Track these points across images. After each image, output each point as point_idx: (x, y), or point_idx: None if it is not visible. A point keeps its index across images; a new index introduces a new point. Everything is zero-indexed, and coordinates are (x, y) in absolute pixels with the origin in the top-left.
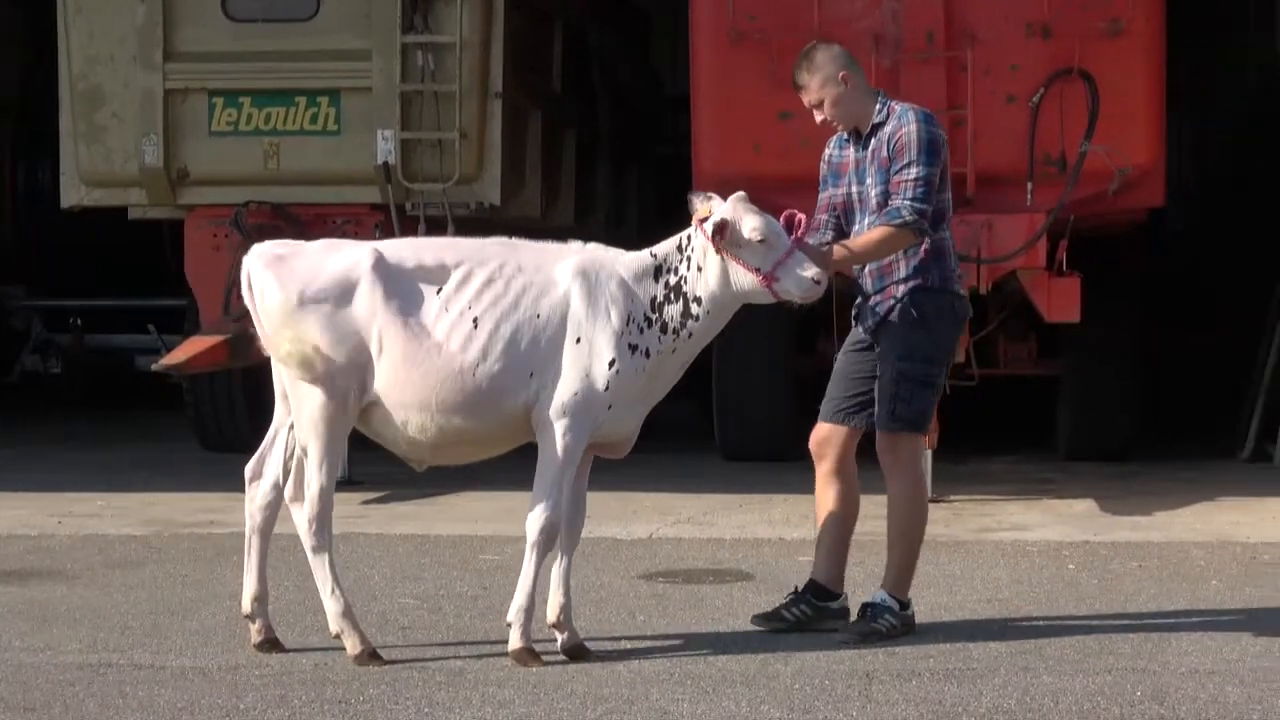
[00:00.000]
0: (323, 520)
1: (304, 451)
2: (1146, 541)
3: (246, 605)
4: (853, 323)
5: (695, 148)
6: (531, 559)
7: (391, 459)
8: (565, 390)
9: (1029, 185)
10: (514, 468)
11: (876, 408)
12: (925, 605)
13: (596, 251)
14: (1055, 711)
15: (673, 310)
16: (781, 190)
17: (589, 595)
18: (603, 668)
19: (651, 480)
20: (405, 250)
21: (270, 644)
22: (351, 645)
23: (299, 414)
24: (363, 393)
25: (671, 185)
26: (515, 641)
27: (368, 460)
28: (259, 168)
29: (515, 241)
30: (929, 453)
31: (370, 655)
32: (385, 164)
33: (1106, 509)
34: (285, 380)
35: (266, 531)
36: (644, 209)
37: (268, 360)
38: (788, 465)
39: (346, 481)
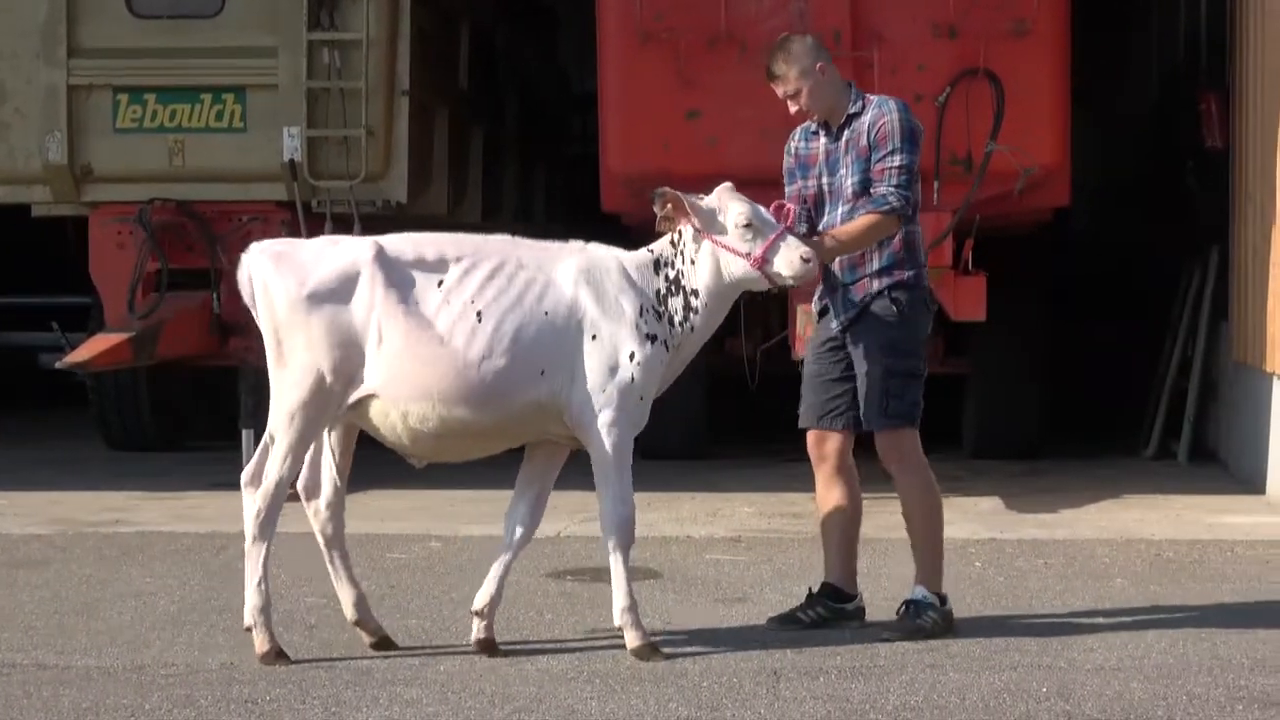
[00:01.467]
0: (271, 513)
1: (272, 440)
2: (1052, 539)
3: (350, 612)
4: (815, 317)
5: (603, 146)
6: (617, 559)
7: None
8: (595, 387)
9: (935, 184)
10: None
11: (864, 408)
12: None
13: (596, 250)
14: (961, 708)
15: (675, 303)
16: (689, 188)
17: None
18: (510, 666)
19: (560, 478)
20: (406, 244)
21: (384, 643)
22: (260, 642)
23: (276, 405)
24: (347, 391)
25: (580, 184)
26: (633, 640)
27: None
28: (164, 165)
29: (516, 239)
30: None
31: (276, 655)
32: (291, 161)
33: (1013, 507)
34: (270, 369)
35: (341, 538)
36: (551, 208)
37: (171, 359)
38: (697, 464)
39: None
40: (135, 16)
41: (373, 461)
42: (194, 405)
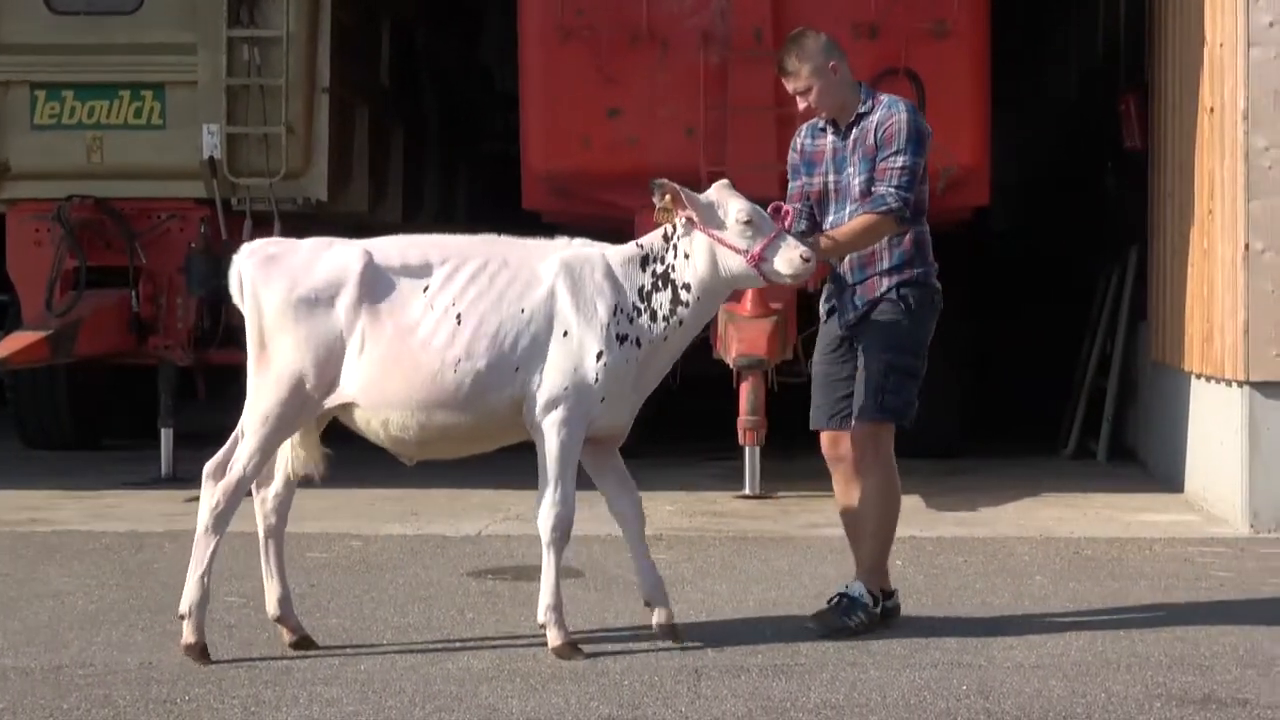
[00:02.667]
0: (230, 507)
1: (242, 435)
2: (972, 537)
3: (273, 608)
4: (823, 318)
5: (524, 144)
6: (550, 556)
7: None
8: (555, 385)
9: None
10: (343, 462)
11: (860, 399)
12: (754, 601)
13: (582, 246)
14: (882, 706)
15: (662, 298)
16: (609, 186)
17: (418, 592)
18: (431, 665)
19: (481, 477)
20: (394, 250)
21: (304, 643)
22: (188, 633)
23: (252, 403)
24: (325, 396)
25: (501, 182)
26: (555, 639)
27: (192, 458)
28: (82, 162)
29: (501, 238)
30: (757, 449)
31: (200, 651)
32: (211, 159)
33: (933, 505)
34: (251, 371)
35: (281, 533)
36: (473, 205)
37: (90, 357)
38: None
39: (171, 479)
40: (53, 13)
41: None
42: (112, 404)
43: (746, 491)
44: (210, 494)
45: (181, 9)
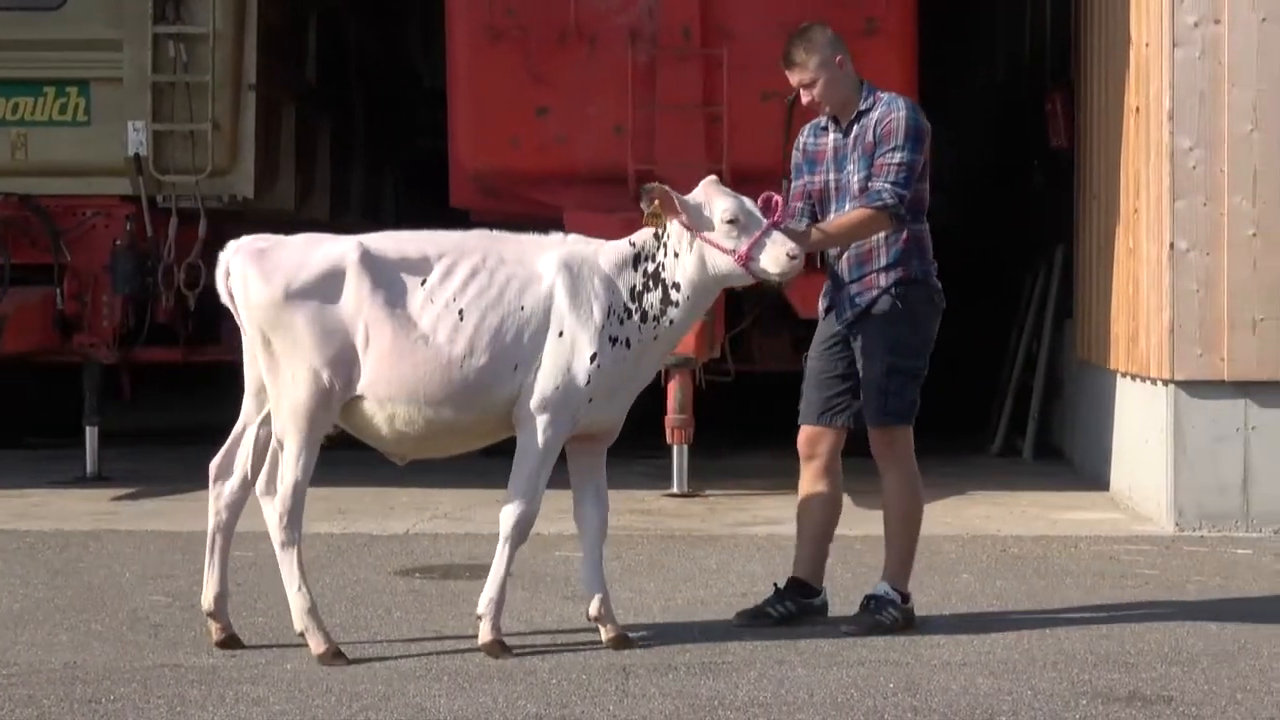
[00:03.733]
0: (294, 516)
1: (280, 445)
2: None
3: (208, 603)
4: (820, 315)
5: (452, 142)
6: (504, 551)
7: (149, 457)
8: (546, 384)
9: (784, 182)
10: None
11: (864, 403)
12: (682, 599)
13: (578, 244)
14: (810, 704)
15: (652, 298)
16: (537, 185)
17: (345, 592)
18: (359, 664)
19: (409, 476)
20: (389, 243)
21: (231, 641)
22: (315, 644)
23: (278, 408)
24: (347, 388)
25: (429, 180)
26: (485, 634)
27: (117, 457)
28: (6, 158)
29: (496, 234)
30: (685, 448)
31: (334, 654)
32: (136, 155)
33: (860, 503)
34: (264, 372)
35: (231, 530)
36: (400, 203)
37: (13, 355)
38: None
39: (96, 477)
40: None
41: (208, 462)
42: (36, 402)
43: (674, 490)
44: (270, 510)
45: (107, 5)
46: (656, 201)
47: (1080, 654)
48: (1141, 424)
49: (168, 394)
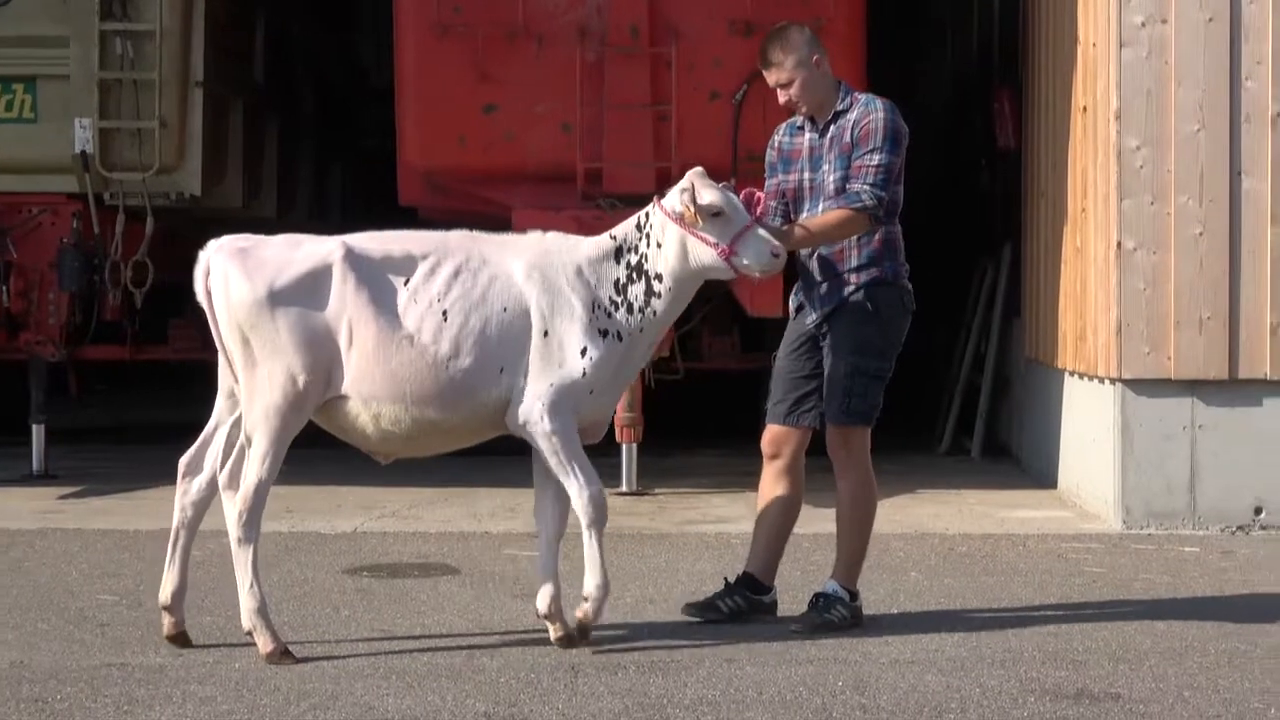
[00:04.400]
0: (254, 514)
1: (248, 442)
2: None
3: (165, 597)
4: (791, 314)
5: (400, 140)
6: (592, 539)
7: (96, 456)
8: (540, 386)
9: (732, 181)
10: None
11: (826, 401)
12: (631, 598)
13: (553, 241)
14: (759, 702)
15: (636, 290)
16: (486, 183)
17: (293, 590)
18: (307, 663)
19: (357, 475)
20: (371, 243)
21: (181, 638)
22: (263, 643)
23: (251, 406)
24: (326, 389)
25: (377, 178)
26: (596, 618)
27: (64, 455)
28: None
29: (476, 234)
30: (634, 446)
31: (282, 654)
32: (83, 153)
33: (808, 501)
34: (239, 370)
35: (194, 527)
36: (348, 201)
37: None
38: (494, 459)
39: (43, 476)
40: None
41: (157, 460)
42: None
43: (623, 488)
44: (231, 505)
45: (53, 2)
46: (687, 200)
47: (1028, 651)
48: (1089, 422)
49: (115, 392)
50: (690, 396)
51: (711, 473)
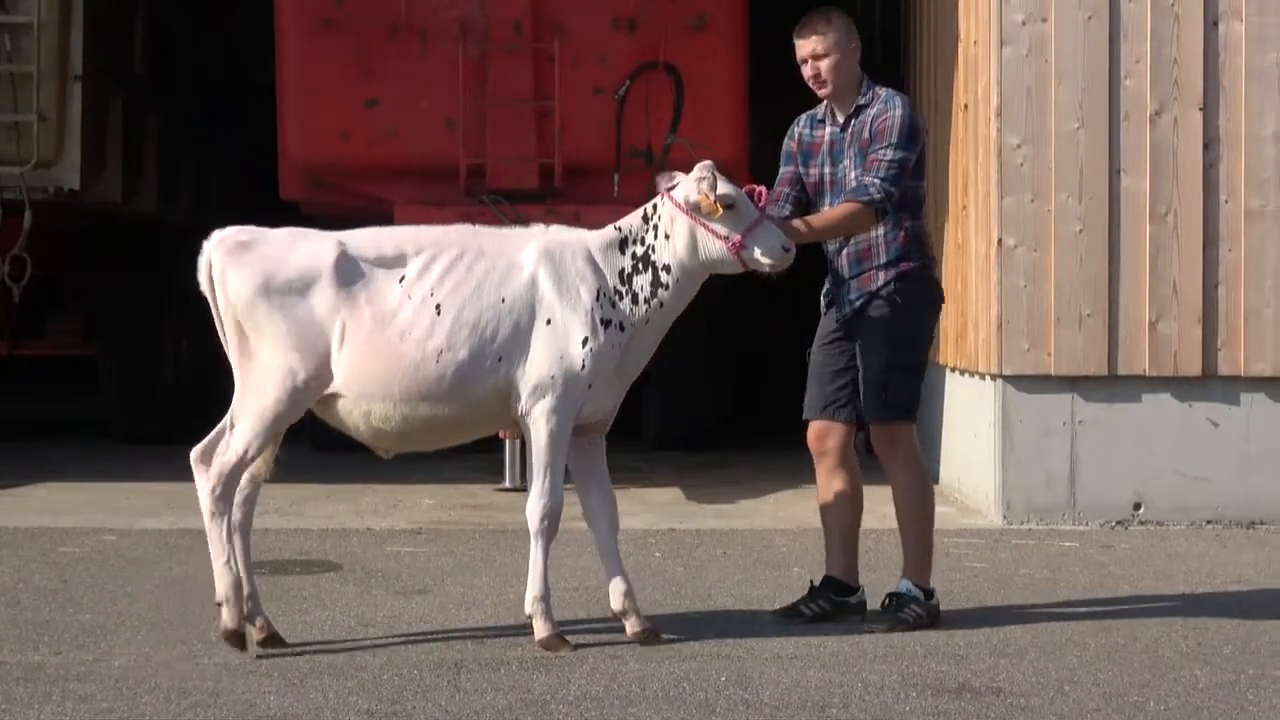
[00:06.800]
0: (227, 489)
1: (234, 423)
2: (731, 529)
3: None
4: (822, 310)
5: (281, 135)
6: (538, 547)
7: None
8: (543, 374)
9: (616, 177)
10: (96, 456)
11: (865, 399)
12: (514, 594)
13: (559, 232)
14: (642, 698)
15: (642, 280)
16: (368, 178)
17: (174, 587)
18: (187, 661)
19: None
20: (368, 240)
21: (272, 640)
22: (226, 618)
23: (245, 394)
24: (321, 385)
25: (259, 172)
26: (541, 630)
27: None
28: None
29: (477, 228)
30: (516, 443)
31: (239, 639)
32: None
33: (692, 497)
34: (234, 361)
35: (245, 527)
36: (230, 196)
37: None
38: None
39: None
40: None
41: (36, 457)
42: None
43: (506, 484)
44: (204, 480)
45: None
46: (710, 196)
47: (910, 646)
48: (970, 418)
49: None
50: None
51: None
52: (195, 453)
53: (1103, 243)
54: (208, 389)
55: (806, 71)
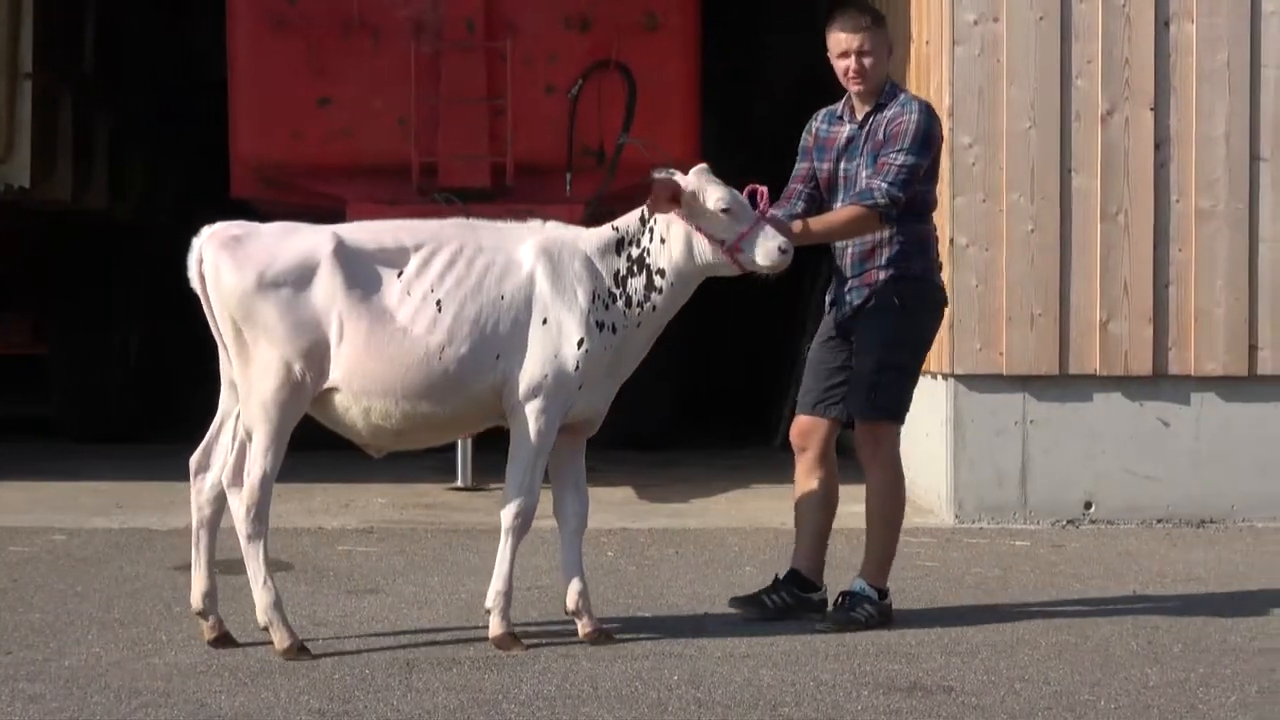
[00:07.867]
0: (261, 508)
1: (248, 436)
2: (683, 528)
3: (197, 601)
4: (825, 310)
5: (233, 133)
6: (507, 545)
7: None
8: (535, 373)
9: (568, 175)
10: (46, 455)
11: (853, 397)
12: (466, 594)
13: (557, 230)
14: (594, 697)
15: (636, 283)
16: (320, 177)
17: (124, 587)
18: (138, 660)
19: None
20: (365, 234)
21: (223, 639)
22: (279, 639)
23: (248, 399)
24: (319, 379)
25: (210, 170)
26: (496, 628)
27: None
28: None
29: (474, 222)
30: (469, 441)
31: (299, 649)
32: None
33: (645, 496)
34: (234, 362)
35: (214, 525)
36: (180, 194)
37: None
38: (329, 454)
39: None
40: None
41: None
42: None
43: (459, 484)
44: (236, 502)
45: None
46: (665, 198)
47: (862, 645)
48: (922, 417)
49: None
50: None
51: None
52: (193, 460)
53: (1054, 242)
54: (158, 388)
55: (844, 64)
